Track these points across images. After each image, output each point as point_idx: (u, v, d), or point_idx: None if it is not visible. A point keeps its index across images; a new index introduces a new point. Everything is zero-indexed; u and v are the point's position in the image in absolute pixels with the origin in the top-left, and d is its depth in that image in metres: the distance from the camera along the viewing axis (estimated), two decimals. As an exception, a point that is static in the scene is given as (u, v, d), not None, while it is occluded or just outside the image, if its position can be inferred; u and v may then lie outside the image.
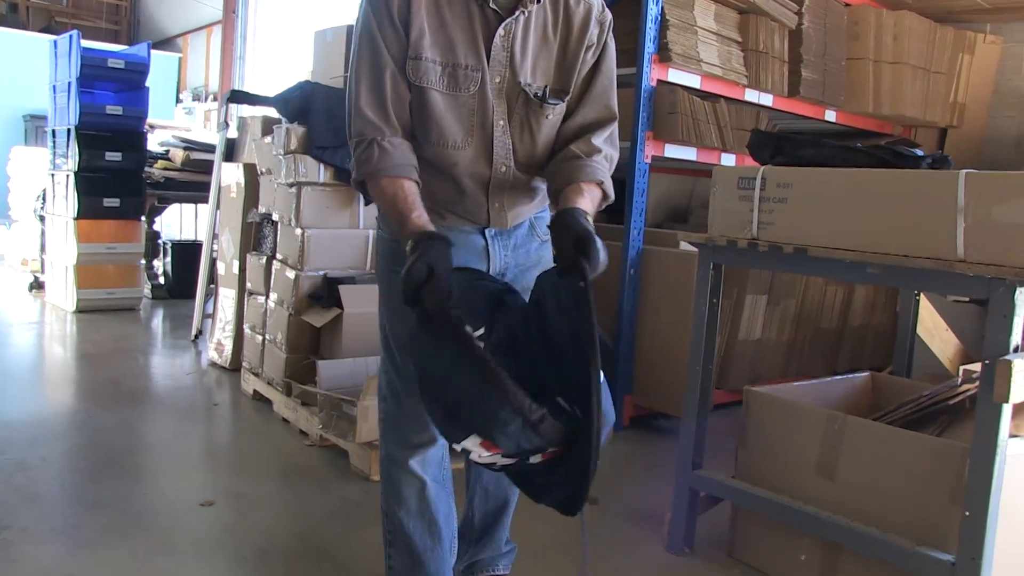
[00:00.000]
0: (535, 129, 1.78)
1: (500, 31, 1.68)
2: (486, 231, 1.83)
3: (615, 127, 1.84)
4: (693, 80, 3.72)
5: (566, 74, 1.78)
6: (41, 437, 3.24)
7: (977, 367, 2.41)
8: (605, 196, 1.77)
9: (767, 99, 4.06)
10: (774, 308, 4.14)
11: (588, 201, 1.69)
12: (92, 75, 5.77)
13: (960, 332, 3.43)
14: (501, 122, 1.75)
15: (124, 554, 2.33)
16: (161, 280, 6.75)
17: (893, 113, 4.57)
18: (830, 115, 4.40)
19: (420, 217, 1.64)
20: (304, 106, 3.60)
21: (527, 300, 1.73)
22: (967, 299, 2.93)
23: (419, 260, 1.50)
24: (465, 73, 1.69)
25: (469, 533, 2.09)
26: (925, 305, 3.26)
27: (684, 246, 3.79)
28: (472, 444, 1.48)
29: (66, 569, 2.23)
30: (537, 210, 1.93)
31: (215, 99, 11.91)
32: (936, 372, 3.34)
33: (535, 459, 1.49)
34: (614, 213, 4.37)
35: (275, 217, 3.77)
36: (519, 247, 1.88)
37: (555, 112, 1.79)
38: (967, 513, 1.91)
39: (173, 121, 9.55)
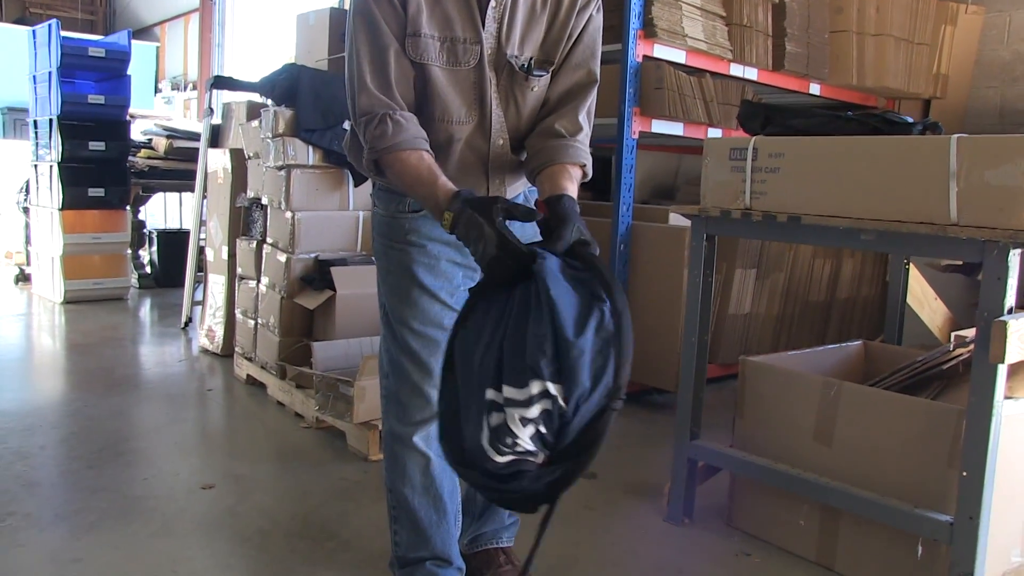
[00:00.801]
0: (520, 102, 1.78)
1: (492, 2, 1.68)
2: None
3: (595, 94, 1.83)
4: (678, 55, 3.73)
5: (552, 46, 1.78)
6: (38, 426, 3.23)
7: (969, 333, 2.45)
8: (583, 176, 1.78)
9: (752, 73, 4.07)
10: (763, 282, 4.17)
11: (575, 186, 1.71)
12: (73, 64, 5.73)
13: (948, 301, 3.46)
14: (495, 95, 1.76)
15: (128, 537, 2.34)
16: (148, 270, 6.72)
17: (877, 85, 4.59)
18: (814, 88, 4.42)
19: (447, 183, 1.61)
20: (291, 89, 3.58)
21: None
22: (959, 263, 2.96)
23: (484, 224, 1.46)
24: (464, 47, 1.69)
25: (472, 507, 2.11)
26: (914, 275, 3.29)
27: (673, 221, 3.81)
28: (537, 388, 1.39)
29: (72, 552, 2.24)
30: (529, 184, 1.94)
31: (195, 88, 11.81)
32: (926, 343, 3.38)
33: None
34: (601, 190, 4.40)
35: (264, 201, 3.75)
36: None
37: (540, 84, 1.79)
38: (964, 474, 1.94)
39: (153, 111, 9.46)
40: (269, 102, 3.76)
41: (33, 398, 3.72)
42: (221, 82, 4.89)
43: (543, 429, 1.39)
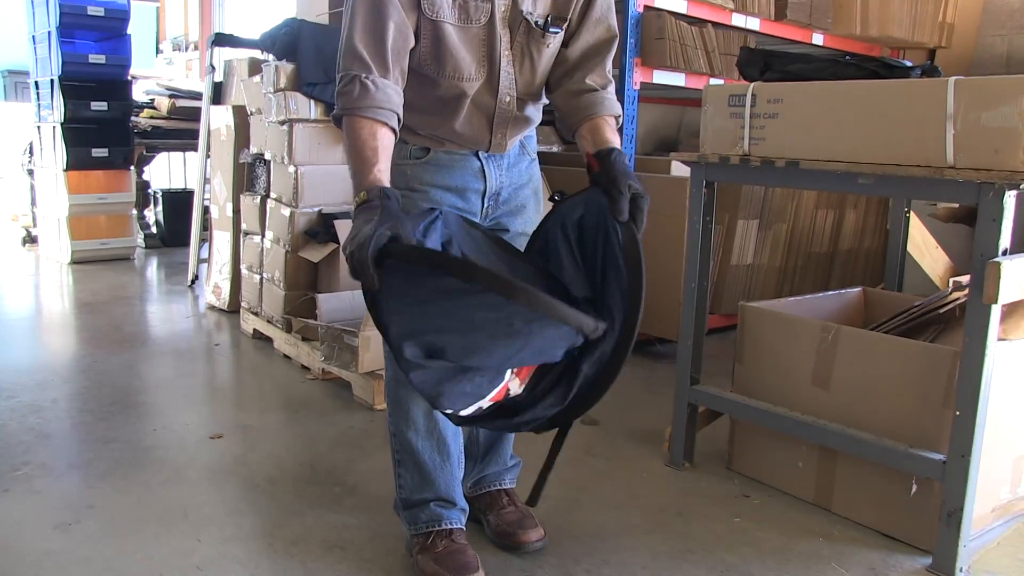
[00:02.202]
0: (535, 58, 1.81)
1: None
2: (481, 153, 1.86)
3: (615, 47, 1.87)
4: (680, 5, 3.71)
5: (564, 3, 1.80)
6: (49, 381, 3.29)
7: (967, 278, 2.46)
8: (617, 124, 1.84)
9: (754, 23, 4.04)
10: (766, 233, 4.18)
11: (617, 137, 1.78)
12: (72, 24, 5.69)
13: (950, 251, 3.47)
14: (507, 53, 1.77)
15: (139, 484, 2.39)
16: (153, 230, 6.76)
17: (881, 35, 4.56)
18: (817, 38, 4.39)
19: (383, 173, 1.57)
20: (292, 43, 3.58)
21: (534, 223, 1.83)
22: (963, 212, 2.97)
23: (380, 225, 1.41)
24: (476, 4, 1.70)
25: (474, 450, 2.15)
26: (915, 223, 3.29)
27: (676, 171, 3.82)
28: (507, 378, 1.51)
29: (86, 499, 2.29)
30: (529, 130, 1.96)
31: (196, 48, 11.73)
32: (927, 292, 3.40)
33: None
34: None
35: (267, 156, 3.77)
36: (512, 166, 1.92)
37: (555, 41, 1.81)
38: (957, 413, 1.97)
39: (155, 71, 9.42)
40: (270, 57, 3.76)
41: (44, 355, 3.77)
42: (222, 39, 4.88)
43: None
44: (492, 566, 1.99)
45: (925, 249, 3.51)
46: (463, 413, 1.54)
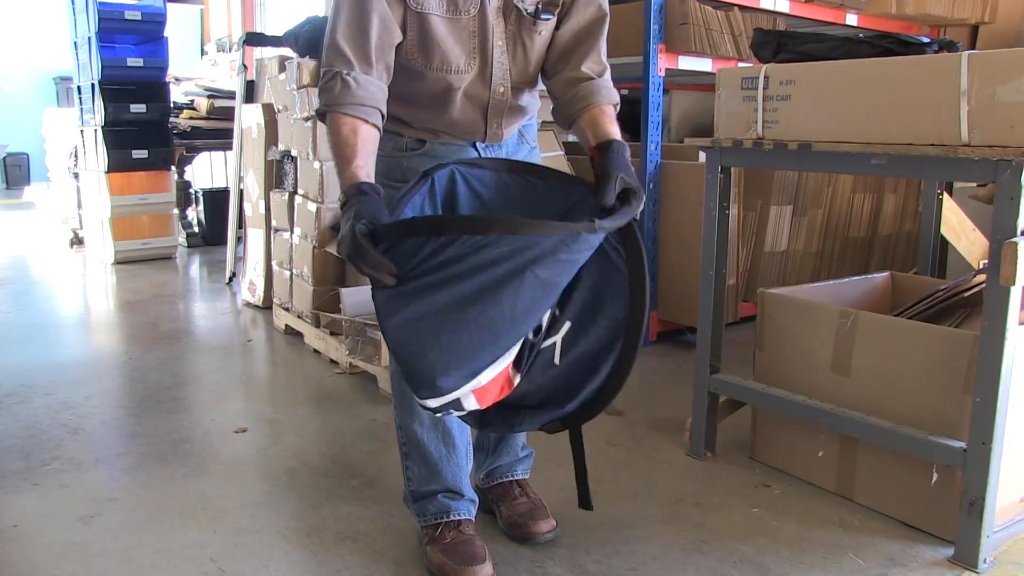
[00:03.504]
0: (528, 47, 1.78)
1: None
2: (478, 143, 1.85)
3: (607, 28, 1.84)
4: (704, -11, 3.65)
5: None
6: (84, 378, 3.37)
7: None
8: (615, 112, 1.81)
9: (783, 5, 3.95)
10: (800, 219, 4.10)
11: (616, 126, 1.74)
12: (110, 28, 5.81)
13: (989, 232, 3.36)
14: (500, 43, 1.75)
15: (162, 478, 2.44)
16: (195, 229, 6.87)
17: (918, 12, 4.43)
18: (851, 19, 4.28)
19: (361, 168, 1.56)
20: (314, 40, 3.58)
21: None
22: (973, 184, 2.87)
23: (357, 221, 1.42)
24: None
25: (485, 441, 2.15)
26: (949, 204, 3.20)
27: (703, 158, 3.76)
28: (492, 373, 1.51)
29: (110, 492, 2.35)
30: (526, 119, 1.95)
31: (239, 49, 11.90)
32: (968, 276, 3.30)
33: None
34: (631, 130, 4.35)
35: (294, 153, 3.81)
36: (510, 156, 1.90)
37: (547, 28, 1.79)
38: (977, 399, 1.91)
39: (196, 72, 9.58)
40: (295, 55, 3.79)
41: (82, 353, 3.86)
42: (252, 38, 4.95)
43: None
44: (502, 557, 1.98)
45: (961, 231, 3.40)
46: (468, 407, 1.53)
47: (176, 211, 6.29)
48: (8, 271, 5.78)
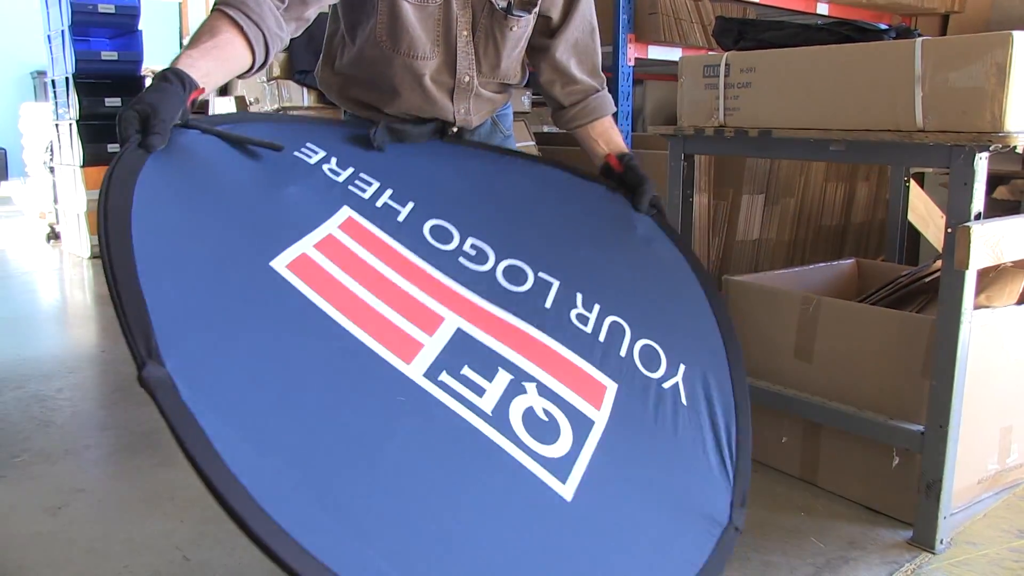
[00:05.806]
0: (499, 41, 1.79)
1: None
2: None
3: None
4: (674, -22, 3.66)
5: None
6: (56, 371, 3.35)
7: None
8: None
9: (754, -7, 3.98)
10: (772, 208, 4.12)
11: (620, 136, 1.95)
12: (84, 22, 5.76)
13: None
14: (465, 33, 1.76)
15: (131, 469, 2.44)
16: (173, 223, 6.83)
17: (888, 1, 4.46)
18: (822, 8, 4.30)
19: (189, 59, 1.32)
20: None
21: None
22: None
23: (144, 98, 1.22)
24: None
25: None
26: (916, 192, 3.23)
27: (674, 149, 3.78)
28: None
29: (78, 483, 2.35)
30: (500, 109, 1.96)
31: (219, 42, 11.81)
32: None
33: None
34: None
35: (266, 146, 3.80)
36: (483, 141, 1.92)
37: (520, 25, 1.79)
38: (934, 383, 1.94)
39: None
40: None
41: (56, 346, 3.85)
42: (226, 31, 4.91)
43: None
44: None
45: (929, 218, 3.44)
46: None
47: (153, 205, 6.25)
48: (-17, 266, 5.75)
